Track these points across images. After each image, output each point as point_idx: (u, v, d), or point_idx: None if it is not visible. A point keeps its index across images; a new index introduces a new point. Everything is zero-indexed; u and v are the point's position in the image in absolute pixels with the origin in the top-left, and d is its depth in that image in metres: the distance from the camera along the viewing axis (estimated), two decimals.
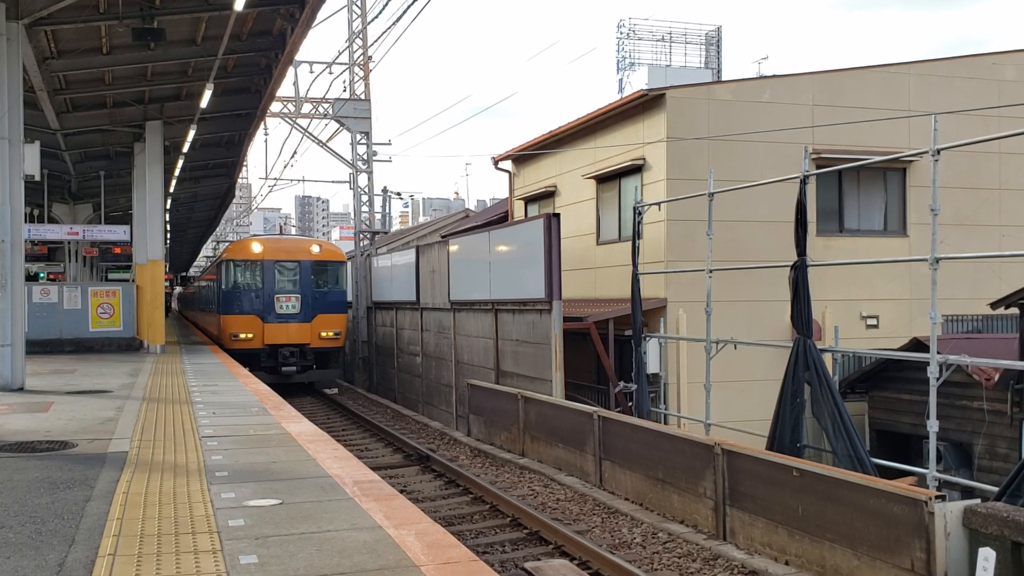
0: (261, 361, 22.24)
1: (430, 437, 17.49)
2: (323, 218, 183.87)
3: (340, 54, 31.06)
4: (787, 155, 16.82)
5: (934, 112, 10.74)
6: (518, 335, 16.35)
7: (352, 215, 32.13)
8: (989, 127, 16.78)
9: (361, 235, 30.42)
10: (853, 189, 18.90)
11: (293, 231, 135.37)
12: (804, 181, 11.79)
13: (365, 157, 30.87)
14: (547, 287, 14.92)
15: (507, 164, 25.71)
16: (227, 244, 29.09)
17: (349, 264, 27.03)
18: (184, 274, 70.17)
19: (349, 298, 27.16)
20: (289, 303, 22.73)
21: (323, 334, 22.99)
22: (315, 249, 23.70)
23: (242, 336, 22.33)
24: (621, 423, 12.13)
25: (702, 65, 37.71)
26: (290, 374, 22.63)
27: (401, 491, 10.08)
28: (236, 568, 4.26)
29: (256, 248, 23.15)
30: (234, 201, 45.30)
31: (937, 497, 7.39)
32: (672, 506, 10.69)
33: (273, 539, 4.76)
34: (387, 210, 36.16)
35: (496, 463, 14.48)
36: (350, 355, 29.74)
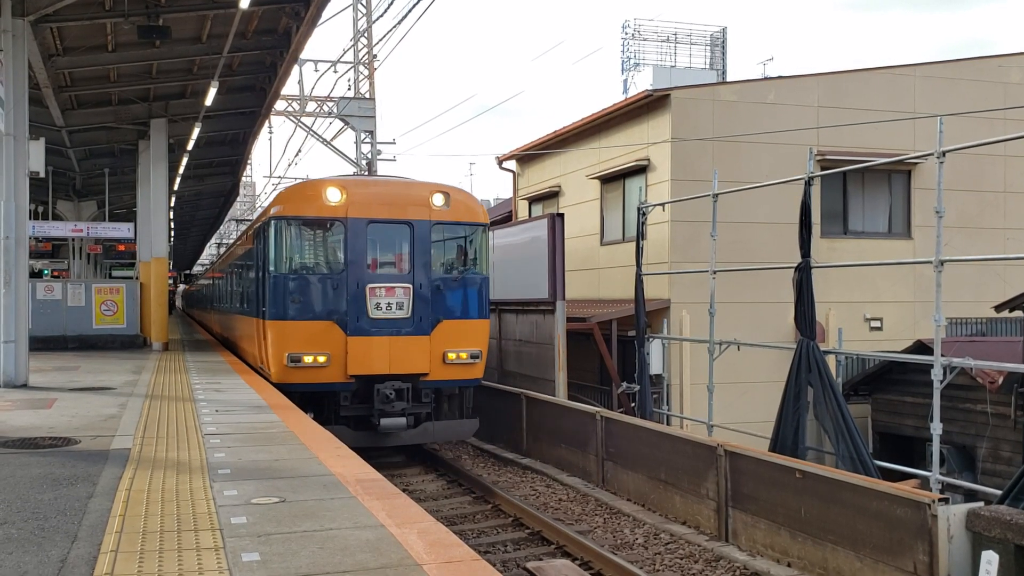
0: (340, 406, 12.79)
1: None
2: None
3: (345, 52, 31.10)
4: (791, 156, 16.80)
5: (939, 114, 10.72)
6: (521, 335, 16.36)
7: None
8: (994, 129, 16.75)
9: None
10: (857, 191, 18.88)
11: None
12: (809, 182, 11.78)
13: (370, 156, 30.91)
14: (551, 287, 14.93)
15: (511, 164, 25.72)
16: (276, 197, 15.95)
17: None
18: (188, 271, 70.16)
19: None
20: (392, 299, 12.88)
21: (452, 356, 13.02)
22: (438, 201, 13.27)
23: (307, 360, 12.53)
24: (624, 424, 12.12)
25: (707, 66, 37.64)
26: (394, 431, 12.69)
27: (403, 490, 10.07)
28: (238, 566, 4.26)
29: (333, 196, 12.81)
30: (238, 199, 45.33)
31: (940, 500, 7.38)
32: (674, 507, 10.68)
33: (275, 537, 4.75)
34: None
35: (499, 463, 14.48)
36: None
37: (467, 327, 13.21)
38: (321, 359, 12.45)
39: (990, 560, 6.87)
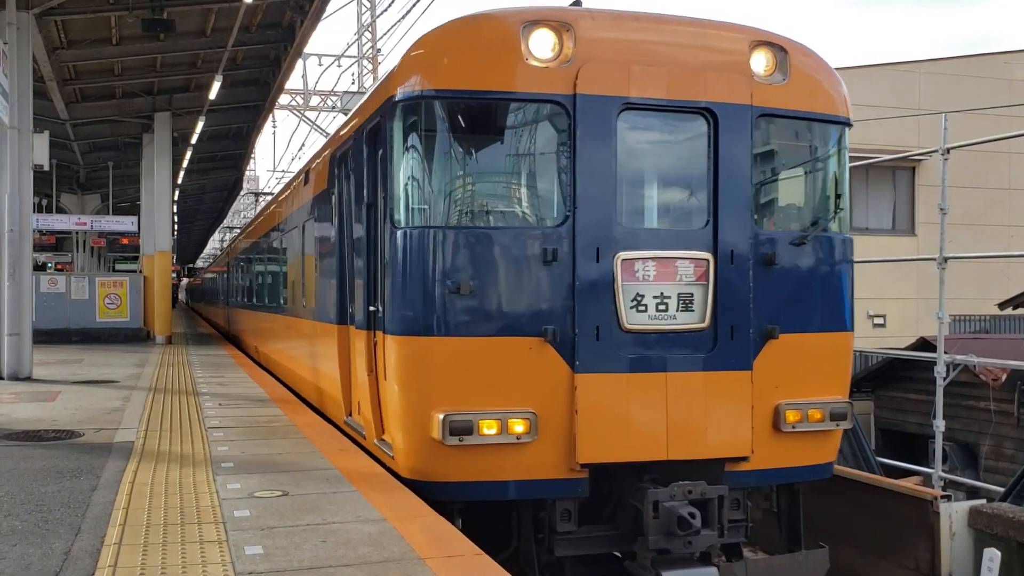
0: (557, 534, 5.81)
1: None
2: None
3: (349, 47, 31.16)
4: None
5: (944, 111, 10.70)
6: None
7: None
8: (999, 126, 16.71)
9: None
10: (861, 187, 18.86)
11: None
12: None
13: None
14: None
15: None
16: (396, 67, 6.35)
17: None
18: (191, 265, 70.29)
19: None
20: (671, 288, 5.93)
21: (793, 415, 6.10)
22: (762, 65, 6.24)
23: (486, 430, 5.56)
24: None
25: None
26: None
27: None
28: (241, 559, 4.27)
29: (540, 46, 5.78)
30: (241, 193, 45.39)
31: (943, 497, 7.39)
32: None
33: (278, 530, 4.76)
34: None
35: None
36: None
37: (821, 348, 6.46)
38: (518, 427, 5.64)
39: (992, 558, 6.87)
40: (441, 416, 5.54)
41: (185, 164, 26.02)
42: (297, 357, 10.76)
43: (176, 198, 31.49)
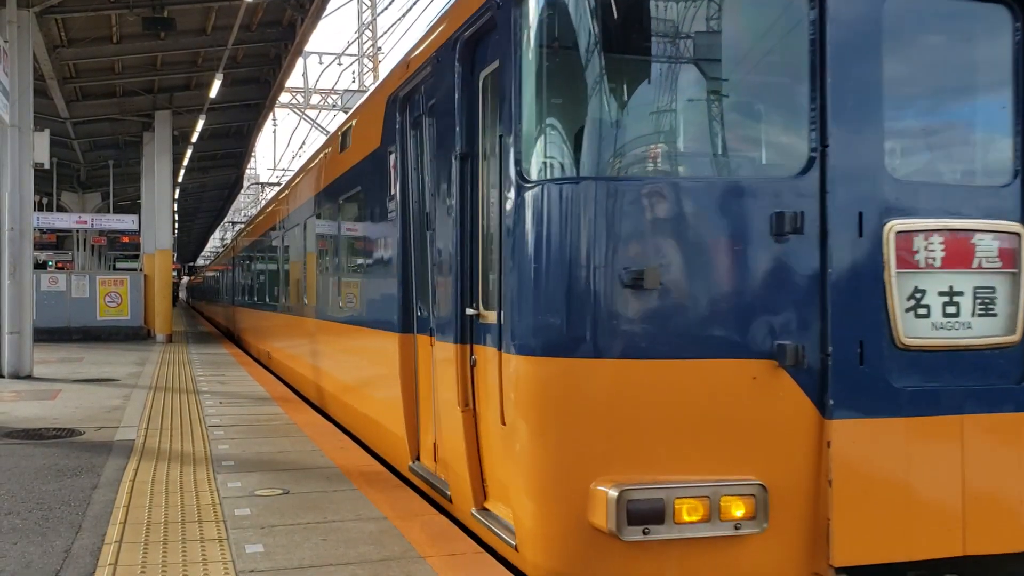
0: None
1: None
2: None
3: (349, 45, 31.14)
4: None
5: None
6: None
7: None
8: None
9: None
10: None
11: None
12: None
13: None
14: None
15: None
16: None
17: None
18: (192, 264, 70.35)
19: None
20: (964, 279, 3.81)
21: None
22: None
23: (686, 515, 3.51)
24: None
25: None
26: None
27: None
28: (242, 557, 4.27)
29: None
30: (242, 191, 45.42)
31: None
32: None
33: (279, 529, 4.77)
34: None
35: None
36: None
37: None
38: (736, 509, 3.56)
39: None
40: (614, 493, 3.45)
41: (185, 162, 26.04)
42: (327, 370, 8.79)
43: (176, 196, 31.51)
